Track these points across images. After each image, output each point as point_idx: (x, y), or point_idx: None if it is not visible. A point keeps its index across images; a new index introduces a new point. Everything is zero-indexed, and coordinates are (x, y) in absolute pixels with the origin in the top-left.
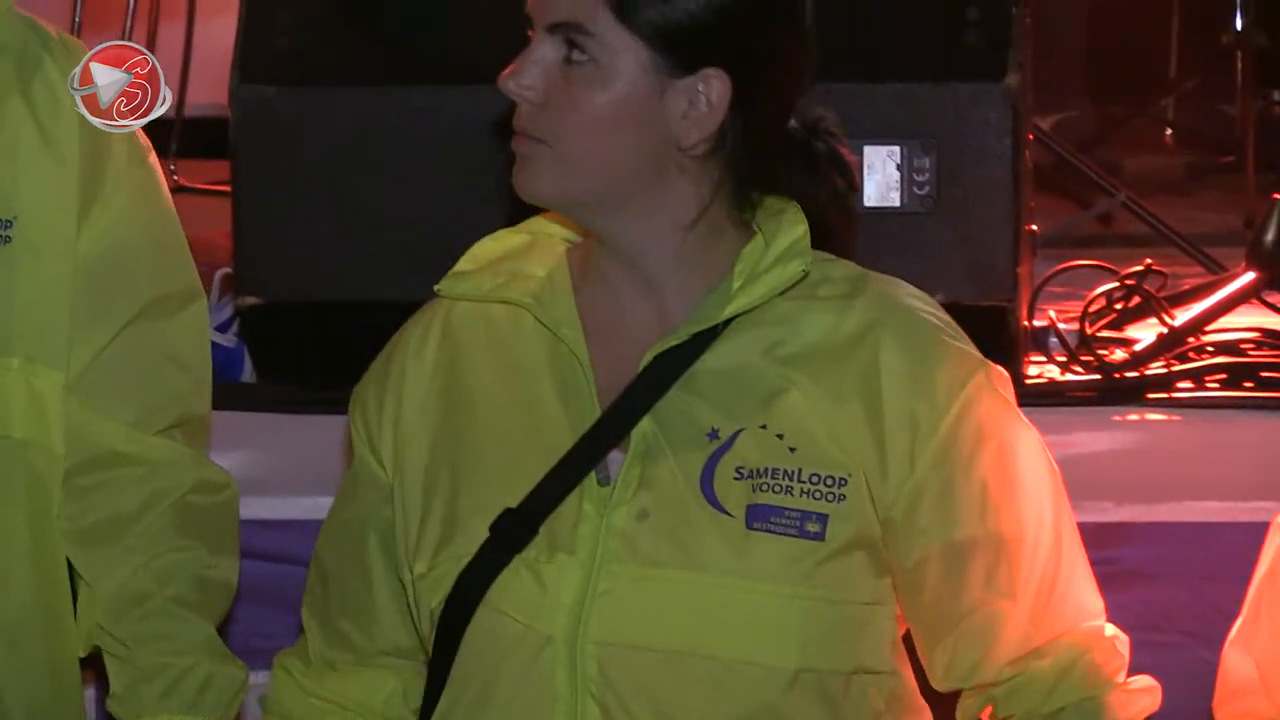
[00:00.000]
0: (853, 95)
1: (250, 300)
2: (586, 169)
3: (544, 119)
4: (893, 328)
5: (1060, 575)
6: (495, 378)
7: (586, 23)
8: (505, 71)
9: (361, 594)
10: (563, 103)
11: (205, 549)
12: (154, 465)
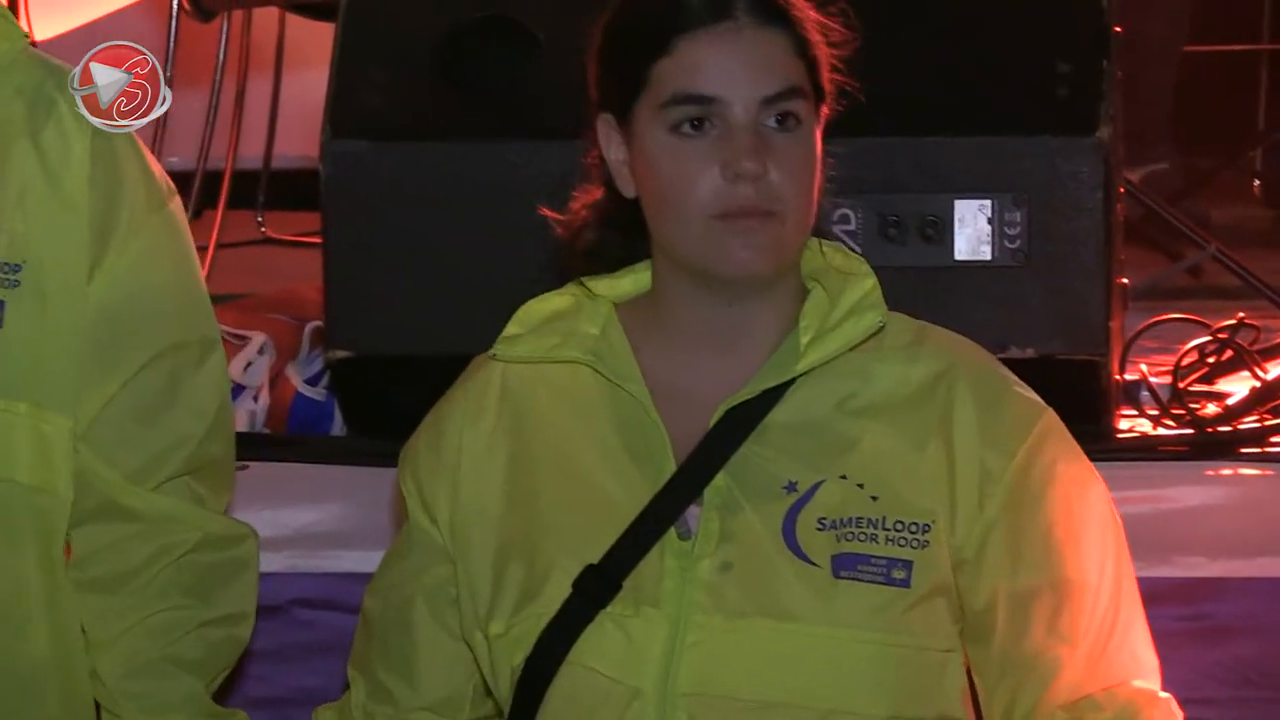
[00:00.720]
0: (944, 149)
1: (340, 354)
2: (805, 230)
3: (774, 191)
4: (963, 376)
5: (1119, 625)
6: (559, 436)
7: (801, 84)
8: (739, 167)
9: (405, 649)
10: (785, 170)
11: (208, 606)
12: (155, 521)
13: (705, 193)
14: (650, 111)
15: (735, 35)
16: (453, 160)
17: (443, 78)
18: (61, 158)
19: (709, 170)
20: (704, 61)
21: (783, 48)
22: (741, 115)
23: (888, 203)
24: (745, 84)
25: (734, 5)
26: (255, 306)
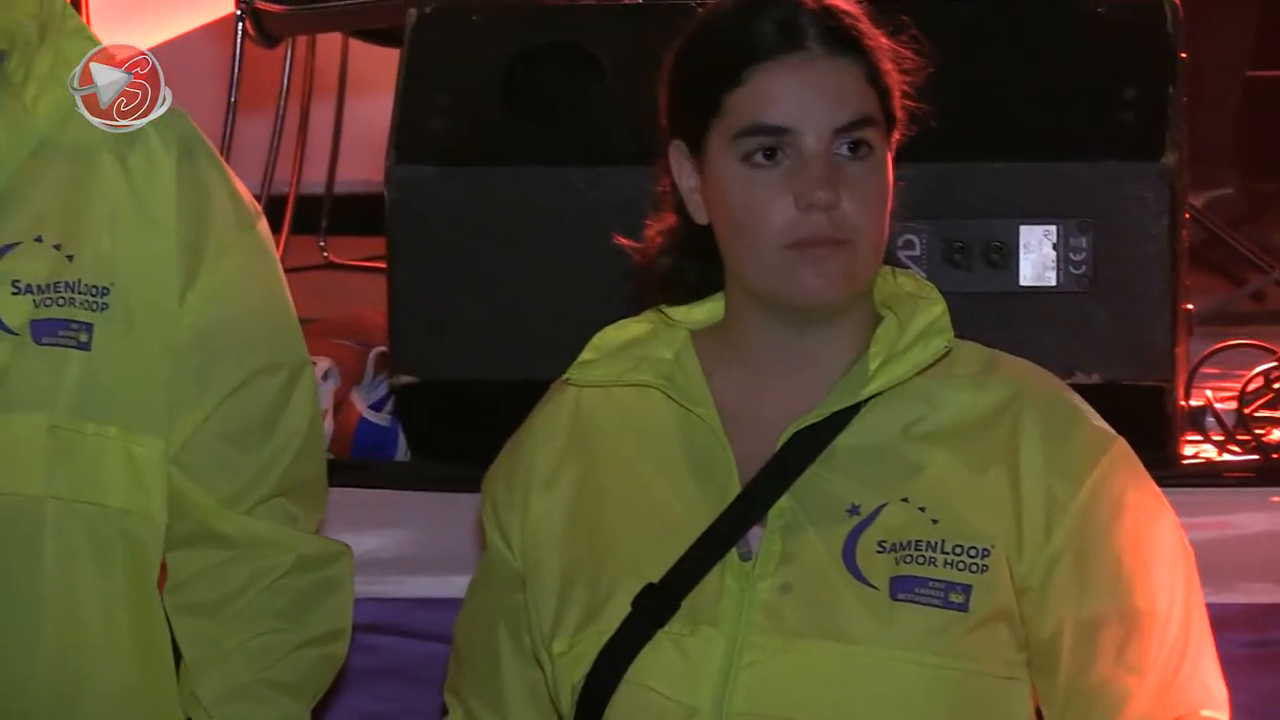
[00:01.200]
0: (1009, 174)
1: (405, 379)
2: (877, 258)
3: (846, 220)
4: (1031, 403)
5: (1188, 654)
6: (628, 459)
7: (872, 112)
8: (812, 196)
9: (492, 677)
10: (857, 199)
11: (303, 627)
12: (250, 545)
13: (778, 222)
14: (723, 141)
15: (808, 65)
16: (517, 185)
17: (508, 103)
18: (148, 181)
19: (782, 200)
20: (776, 92)
21: (854, 77)
22: (814, 145)
23: (953, 228)
24: (818, 114)
25: (806, 35)
26: (320, 332)
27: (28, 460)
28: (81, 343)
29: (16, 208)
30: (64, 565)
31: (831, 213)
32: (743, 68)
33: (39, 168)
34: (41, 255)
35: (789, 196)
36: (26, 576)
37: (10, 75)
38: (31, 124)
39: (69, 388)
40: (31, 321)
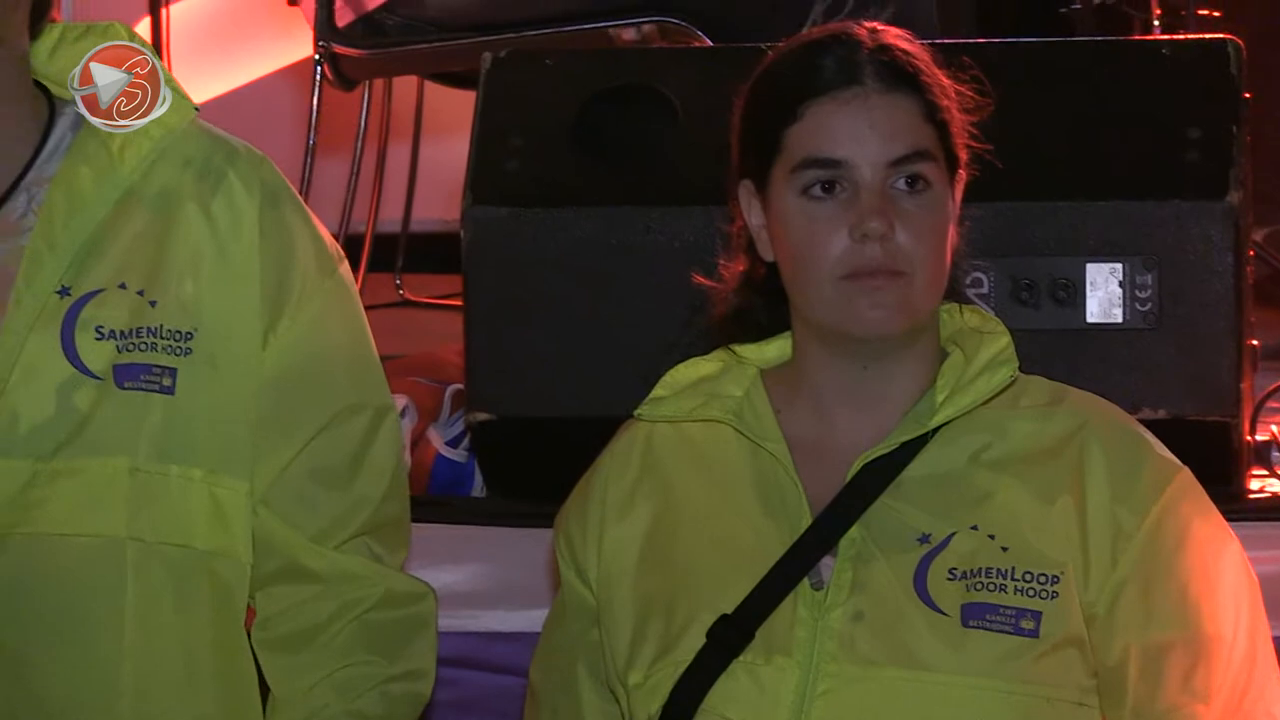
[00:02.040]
0: (1076, 213)
1: (481, 416)
2: (936, 292)
3: (901, 252)
4: (1097, 432)
5: (1254, 682)
6: (699, 494)
7: (929, 147)
8: (865, 227)
9: (570, 713)
10: (913, 232)
11: (390, 662)
12: (337, 580)
13: (835, 254)
14: (783, 176)
15: (863, 100)
16: (590, 226)
17: (581, 145)
18: (232, 227)
19: (838, 232)
20: (833, 126)
21: (911, 112)
22: (869, 177)
23: (1020, 266)
24: (872, 147)
25: (862, 71)
26: (397, 370)
27: (110, 503)
28: (165, 387)
29: (102, 255)
30: (146, 606)
31: (886, 244)
32: (801, 103)
33: (124, 216)
34: (124, 301)
35: (845, 228)
36: (108, 617)
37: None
38: (118, 173)
39: (152, 431)
40: (114, 366)
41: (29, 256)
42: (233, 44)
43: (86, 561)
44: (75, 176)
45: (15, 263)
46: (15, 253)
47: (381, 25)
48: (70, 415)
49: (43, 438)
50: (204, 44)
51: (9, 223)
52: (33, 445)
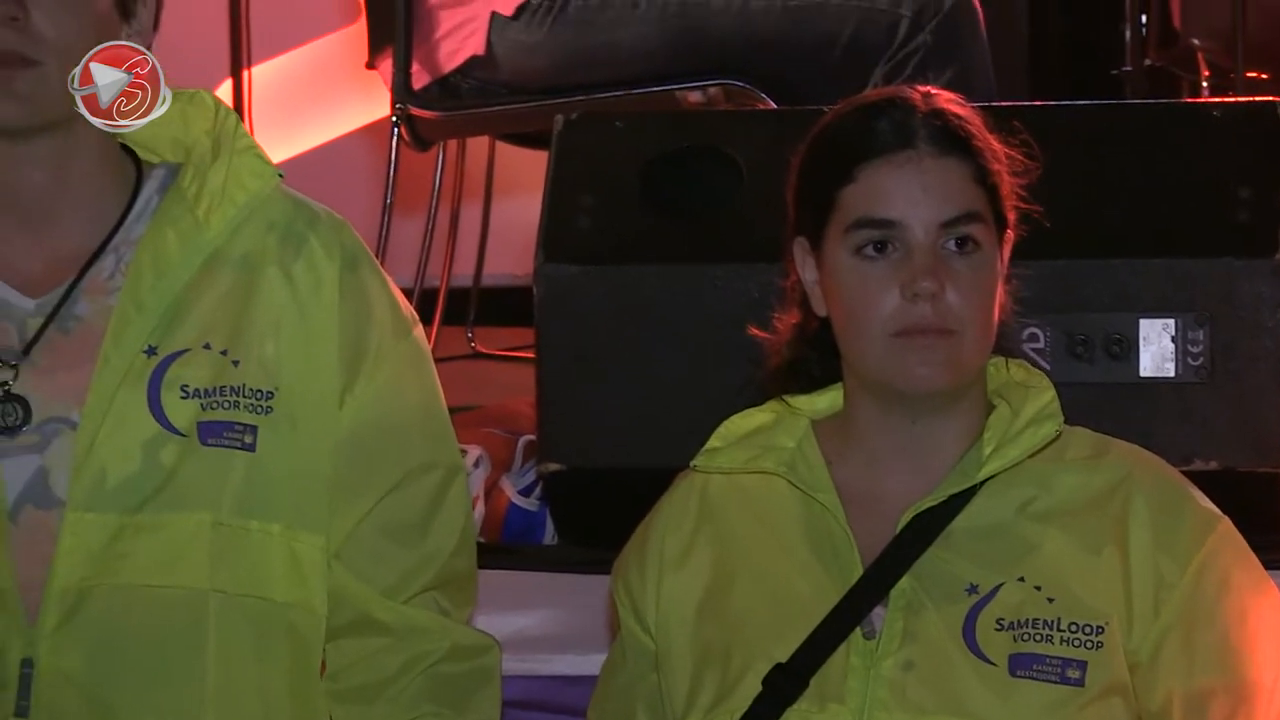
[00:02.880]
0: (1130, 270)
1: (553, 466)
2: (984, 349)
3: (951, 311)
4: (1141, 484)
5: None
6: (755, 544)
7: (979, 209)
8: (916, 287)
9: None
10: (962, 291)
11: (456, 713)
12: (406, 633)
13: (886, 311)
14: (838, 235)
15: (916, 163)
16: (658, 282)
17: (649, 204)
18: (312, 290)
19: (890, 290)
20: (886, 188)
21: (962, 175)
22: (921, 238)
23: (1075, 322)
24: (925, 208)
25: (916, 135)
26: (471, 421)
27: (193, 556)
28: (246, 444)
29: (187, 316)
30: (227, 656)
31: (936, 303)
32: (855, 165)
33: (209, 278)
34: (208, 361)
35: (896, 287)
36: (190, 666)
37: (184, 190)
38: (203, 237)
39: (234, 487)
40: (198, 424)
41: (117, 316)
42: (312, 105)
43: (171, 612)
44: (161, 239)
45: (104, 322)
46: (104, 312)
47: (456, 88)
48: (156, 471)
49: (129, 493)
50: (284, 105)
51: (98, 283)
52: (120, 500)
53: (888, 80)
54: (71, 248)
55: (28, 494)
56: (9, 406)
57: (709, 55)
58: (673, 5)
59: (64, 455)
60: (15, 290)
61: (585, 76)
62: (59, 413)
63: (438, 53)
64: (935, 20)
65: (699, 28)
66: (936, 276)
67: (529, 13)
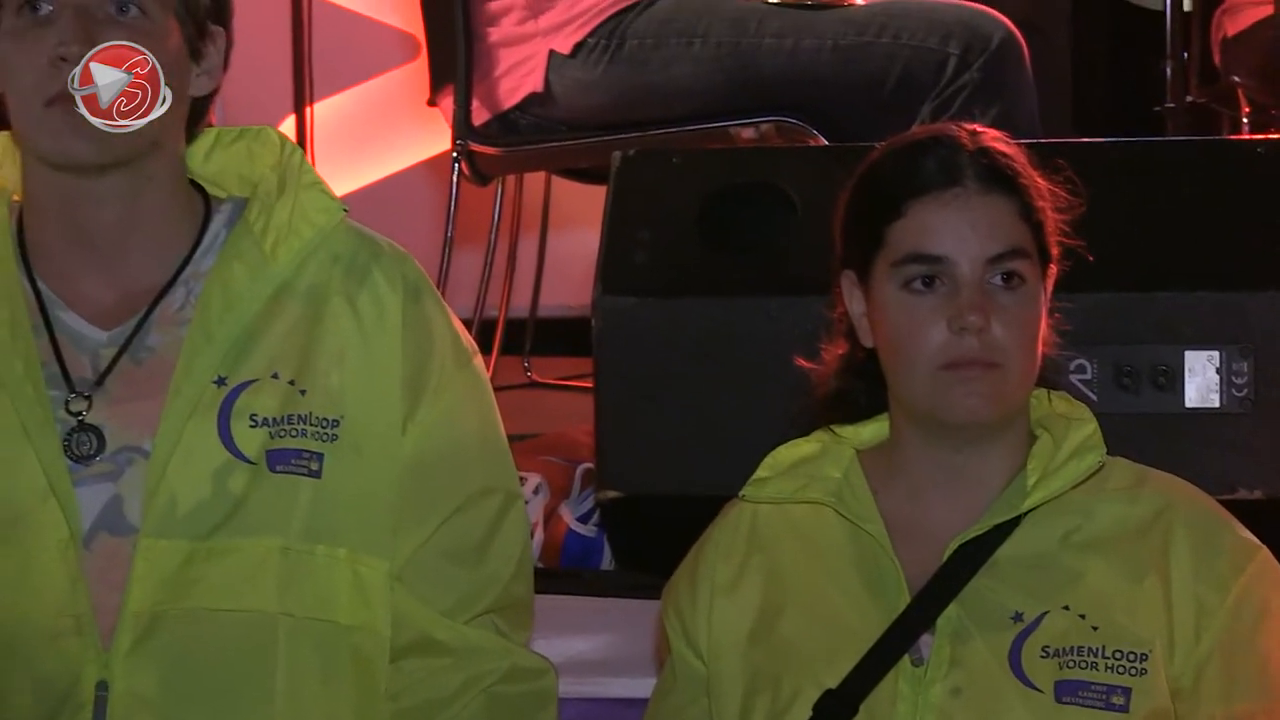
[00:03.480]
0: (1175, 303)
1: (610, 493)
2: (1027, 382)
3: (996, 344)
4: (1181, 514)
5: None
6: (803, 572)
7: (1024, 245)
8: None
9: None
10: (1008, 325)
11: None
12: (466, 653)
13: (933, 345)
14: (885, 269)
15: (964, 200)
16: (713, 314)
17: (705, 238)
18: (376, 321)
19: (937, 324)
20: (934, 224)
21: (1007, 212)
22: (968, 273)
23: (1122, 354)
24: (971, 245)
25: (963, 173)
26: (531, 449)
27: (262, 580)
28: (313, 471)
29: (255, 347)
30: (294, 677)
31: (982, 336)
32: (903, 201)
33: (276, 310)
34: (276, 390)
35: (943, 321)
36: (260, 687)
37: (251, 224)
38: (270, 269)
39: (301, 513)
40: (267, 451)
41: (187, 348)
42: (374, 140)
43: (241, 635)
44: (230, 272)
45: (174, 353)
46: (174, 344)
47: (515, 124)
48: (226, 498)
49: (200, 519)
50: (347, 140)
51: (168, 315)
52: (191, 526)
53: (935, 116)
54: (142, 281)
55: (102, 521)
56: (83, 436)
57: (761, 93)
58: (726, 45)
59: (137, 483)
60: (88, 322)
61: (641, 113)
62: (132, 441)
63: (497, 90)
64: (982, 58)
65: (752, 67)
66: (983, 311)
67: (586, 51)
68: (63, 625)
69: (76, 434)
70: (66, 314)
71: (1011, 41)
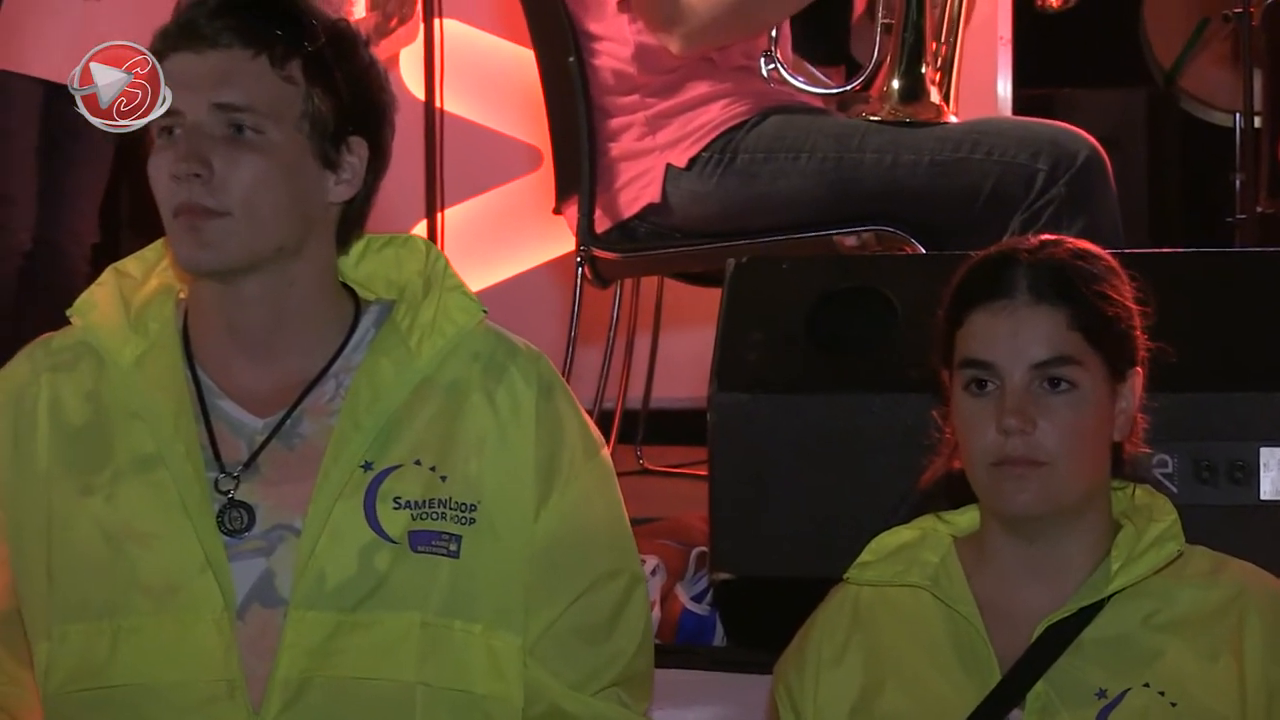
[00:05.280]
0: (1253, 402)
1: (723, 575)
2: (1081, 477)
3: (1041, 445)
4: (1255, 600)
5: None
6: (903, 650)
7: (1073, 353)
8: (1004, 423)
9: None
10: (1055, 426)
11: None
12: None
13: (986, 444)
14: (954, 372)
15: (1013, 311)
16: (820, 410)
17: (813, 339)
18: (512, 414)
19: (989, 425)
20: (986, 332)
21: (1057, 321)
22: (1014, 378)
23: (1201, 449)
24: (1017, 352)
25: (1015, 286)
26: (649, 534)
27: (403, 652)
28: (451, 551)
29: (400, 435)
30: None
31: (1027, 438)
32: (964, 311)
33: (419, 402)
34: (419, 476)
35: (994, 422)
36: None
37: (398, 323)
38: (415, 365)
39: (440, 590)
40: (409, 532)
41: (337, 436)
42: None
43: (381, 703)
44: (377, 367)
45: (324, 440)
46: (324, 431)
47: (634, 231)
48: (370, 575)
49: (346, 593)
50: (477, 242)
51: (319, 405)
52: (337, 600)
53: (1025, 227)
54: (295, 374)
55: (255, 593)
56: (235, 512)
57: (863, 204)
58: (830, 160)
59: (287, 559)
60: (245, 410)
61: (751, 222)
62: (284, 520)
63: (618, 200)
64: (1069, 174)
65: (854, 179)
66: (1023, 414)
67: (700, 165)
68: (216, 690)
69: (229, 510)
70: (225, 402)
71: (1095, 158)
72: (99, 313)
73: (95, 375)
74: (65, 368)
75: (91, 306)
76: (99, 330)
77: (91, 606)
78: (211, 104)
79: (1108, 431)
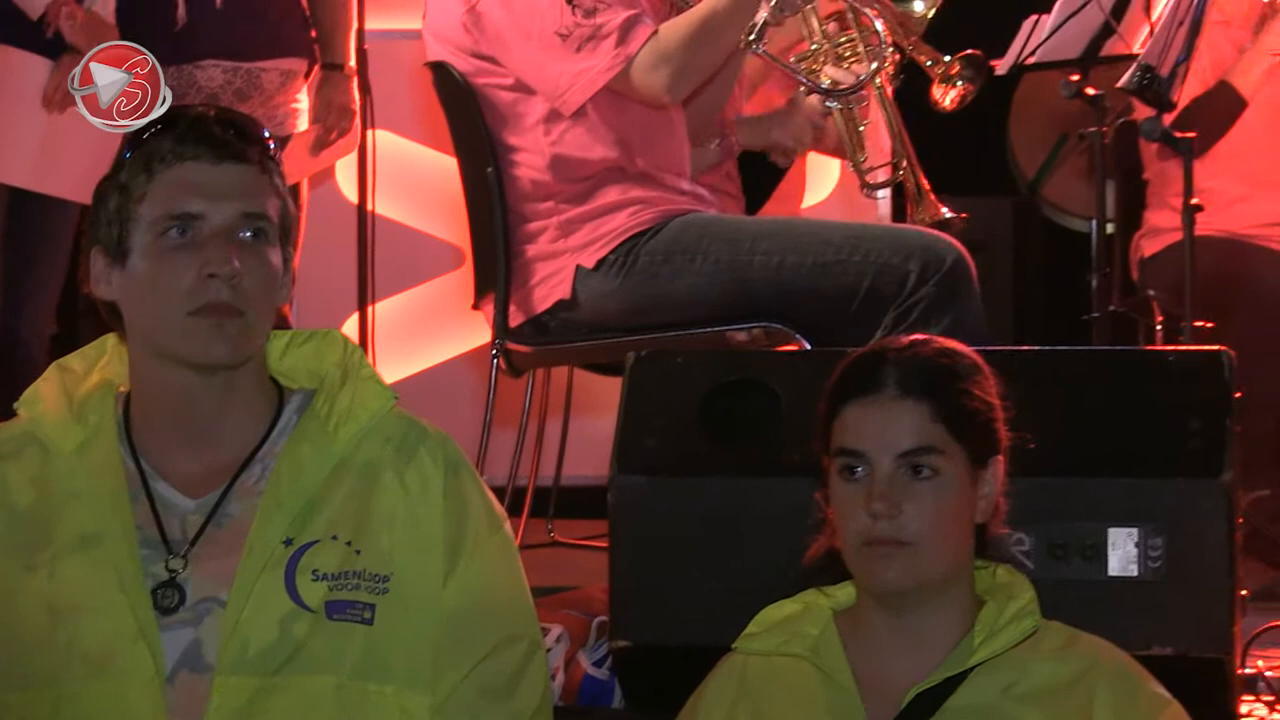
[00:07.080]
0: (1102, 488)
1: (622, 643)
2: (945, 556)
3: (905, 527)
4: (1103, 673)
5: None
6: (784, 715)
7: (935, 443)
8: (871, 507)
9: None
10: (918, 510)
11: None
12: None
13: (858, 525)
14: (831, 459)
15: (881, 404)
16: (712, 492)
17: (706, 427)
18: (421, 494)
19: (860, 508)
20: (858, 424)
21: (921, 414)
22: (883, 466)
23: (1055, 530)
24: (883, 442)
25: (884, 381)
26: (554, 604)
27: (320, 713)
28: (365, 619)
29: (318, 513)
30: None
31: (892, 520)
32: (839, 404)
33: (336, 482)
34: (335, 550)
35: (864, 505)
36: None
37: (318, 410)
38: (333, 448)
39: (354, 655)
40: (326, 602)
41: (261, 514)
42: (426, 336)
43: None
44: (298, 451)
45: (250, 518)
46: (250, 510)
47: (545, 326)
48: (290, 641)
49: (267, 659)
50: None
51: (246, 486)
52: (259, 665)
53: (896, 324)
54: (226, 458)
55: (184, 661)
56: (169, 591)
57: (752, 303)
58: (723, 262)
59: (214, 629)
60: (179, 492)
61: (651, 319)
62: (210, 593)
63: (532, 297)
64: (937, 275)
65: (744, 279)
66: (890, 499)
67: (606, 266)
68: None
69: (164, 589)
70: (160, 484)
71: (961, 262)
72: (44, 405)
73: (40, 462)
74: (11, 456)
75: (37, 399)
76: (43, 421)
77: (34, 677)
78: (242, 213)
79: (970, 514)
